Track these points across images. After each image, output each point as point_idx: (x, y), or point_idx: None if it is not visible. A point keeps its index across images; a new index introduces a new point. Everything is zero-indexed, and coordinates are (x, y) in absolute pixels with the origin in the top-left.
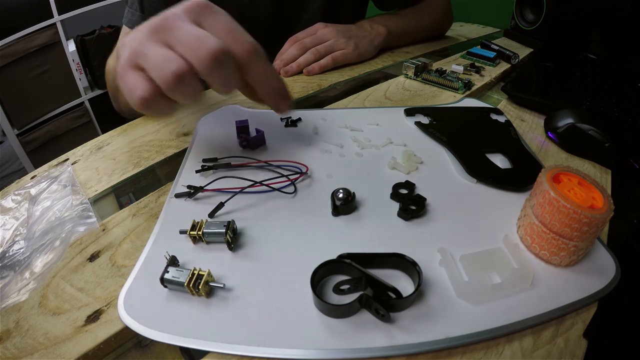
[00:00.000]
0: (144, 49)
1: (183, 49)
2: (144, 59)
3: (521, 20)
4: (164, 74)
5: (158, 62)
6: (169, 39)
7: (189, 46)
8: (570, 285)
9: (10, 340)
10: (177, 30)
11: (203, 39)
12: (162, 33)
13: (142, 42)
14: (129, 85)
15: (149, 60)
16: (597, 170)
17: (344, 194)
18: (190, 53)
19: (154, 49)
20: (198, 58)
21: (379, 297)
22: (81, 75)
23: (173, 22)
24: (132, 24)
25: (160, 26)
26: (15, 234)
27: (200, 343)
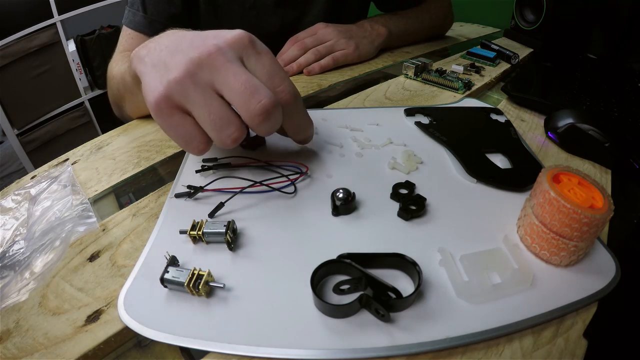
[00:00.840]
0: (188, 91)
1: (234, 99)
2: (191, 106)
3: (521, 20)
4: (221, 137)
5: (212, 120)
6: (216, 82)
7: (240, 97)
8: (570, 285)
9: (10, 340)
10: (225, 73)
11: (255, 91)
12: (207, 72)
13: (184, 81)
14: (179, 134)
15: (200, 112)
16: (597, 170)
17: (344, 194)
18: (241, 106)
19: (203, 97)
20: (249, 112)
21: (379, 297)
22: (81, 75)
23: (219, 60)
24: (133, 24)
25: (204, 62)
26: (15, 234)
27: (200, 343)
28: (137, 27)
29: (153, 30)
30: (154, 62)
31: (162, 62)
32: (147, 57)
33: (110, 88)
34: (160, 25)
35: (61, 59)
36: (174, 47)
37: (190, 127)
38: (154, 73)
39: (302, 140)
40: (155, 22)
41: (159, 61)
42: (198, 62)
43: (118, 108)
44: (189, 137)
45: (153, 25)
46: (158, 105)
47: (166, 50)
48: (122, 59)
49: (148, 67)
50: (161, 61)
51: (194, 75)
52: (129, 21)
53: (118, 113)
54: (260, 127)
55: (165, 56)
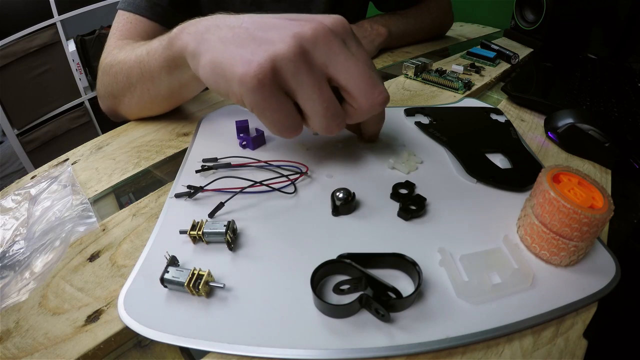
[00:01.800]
0: (300, 70)
1: (354, 87)
2: (299, 86)
3: (521, 20)
4: (330, 126)
5: (325, 107)
6: (332, 64)
7: (362, 86)
8: (570, 285)
9: (10, 340)
10: (345, 58)
11: (376, 81)
12: (322, 52)
13: (297, 57)
14: (278, 117)
15: (309, 96)
16: (597, 170)
17: (344, 194)
18: (362, 94)
19: (317, 80)
20: (371, 101)
21: (379, 297)
22: (81, 75)
23: (335, 43)
24: (133, 7)
25: (319, 41)
26: (15, 234)
27: (200, 343)
28: (138, 10)
29: (154, 14)
30: (227, 38)
31: (248, 37)
32: (207, 34)
33: (112, 76)
34: (162, 10)
35: (61, 59)
36: (257, 24)
37: (290, 109)
38: (236, 48)
39: (374, 132)
40: (157, 6)
41: (237, 35)
42: (312, 40)
43: (114, 100)
44: (288, 122)
45: (154, 9)
46: (260, 79)
47: (243, 27)
48: (129, 45)
49: (217, 44)
50: (244, 36)
51: (307, 52)
52: (128, 4)
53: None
54: (369, 115)
55: (249, 32)
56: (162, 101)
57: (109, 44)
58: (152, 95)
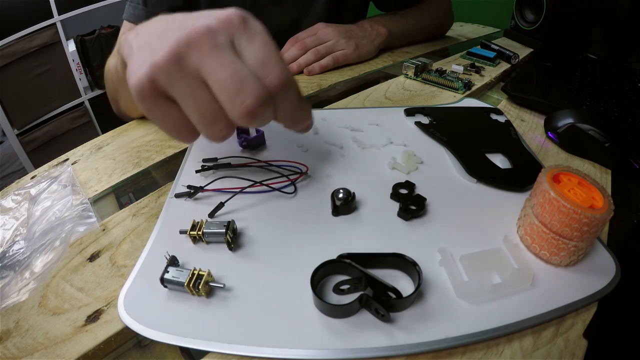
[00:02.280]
0: (173, 77)
1: (218, 94)
2: (176, 94)
3: (521, 20)
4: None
5: (200, 113)
6: (203, 69)
7: (224, 94)
8: (570, 285)
9: (10, 340)
10: (212, 61)
11: (241, 88)
12: (195, 57)
13: (169, 65)
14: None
15: (186, 103)
16: (597, 170)
17: (344, 194)
18: (225, 104)
19: (190, 86)
20: (233, 112)
21: (379, 297)
22: (81, 75)
23: (207, 44)
24: (133, 17)
25: (192, 45)
26: (15, 234)
27: (200, 343)
28: (137, 20)
29: None
30: (140, 45)
31: (148, 44)
32: (134, 41)
33: (107, 82)
34: None
35: (61, 59)
36: (164, 28)
37: (178, 116)
38: (138, 55)
39: (299, 130)
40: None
41: (145, 43)
42: (186, 44)
43: (115, 103)
44: (179, 128)
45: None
46: (140, 91)
47: (155, 32)
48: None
49: (134, 50)
50: (147, 43)
51: (180, 59)
52: (129, 15)
53: (116, 108)
54: (248, 123)
55: (153, 38)
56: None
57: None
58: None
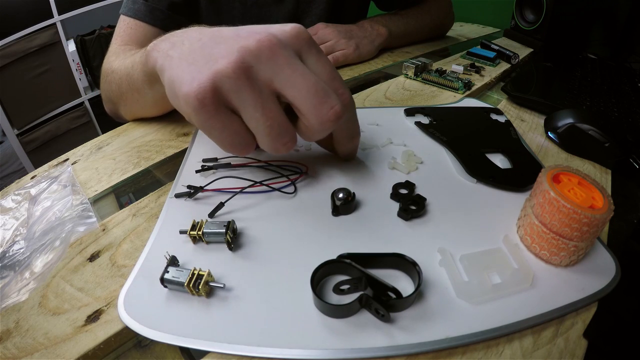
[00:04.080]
0: (242, 87)
1: (301, 102)
2: (242, 104)
3: (521, 20)
4: (276, 145)
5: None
6: (277, 79)
7: (310, 101)
8: (570, 285)
9: (10, 340)
10: (291, 72)
11: (326, 95)
12: (266, 67)
13: (237, 73)
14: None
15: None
16: (597, 170)
17: (344, 194)
18: (311, 110)
19: (260, 97)
20: (320, 118)
21: (379, 297)
22: (81, 75)
23: (281, 55)
24: (132, 12)
25: (263, 54)
26: (15, 234)
27: (200, 343)
28: (137, 15)
29: (154, 19)
30: (184, 54)
31: (200, 52)
32: (172, 51)
33: (108, 83)
34: (161, 14)
35: (61, 59)
36: (213, 37)
37: (238, 128)
38: (187, 65)
39: (348, 151)
40: (156, 10)
41: (191, 52)
42: (256, 53)
43: (113, 105)
44: (236, 141)
45: (154, 13)
46: (200, 100)
47: (200, 42)
48: (124, 53)
49: (175, 61)
50: (195, 52)
51: (250, 68)
52: (128, 9)
53: (112, 110)
54: (323, 132)
55: (201, 47)
56: (151, 108)
57: (110, 50)
58: (141, 105)
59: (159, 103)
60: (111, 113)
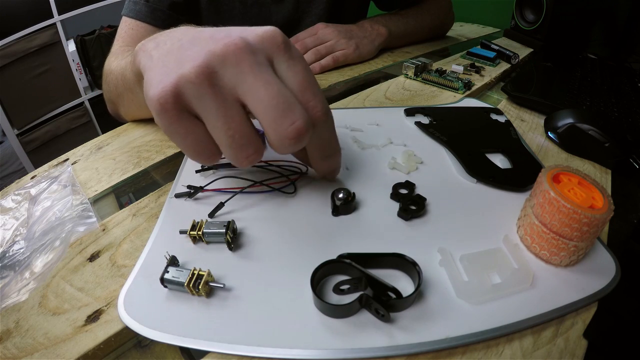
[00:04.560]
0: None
1: (261, 114)
2: (204, 111)
3: (521, 20)
4: (237, 157)
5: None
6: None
7: (270, 114)
8: (570, 285)
9: (10, 340)
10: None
11: (288, 109)
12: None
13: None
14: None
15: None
16: (597, 170)
17: (344, 194)
18: (270, 124)
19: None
20: (279, 133)
21: (379, 297)
22: (81, 75)
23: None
24: (134, 13)
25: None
26: (15, 234)
27: (200, 343)
28: (139, 16)
29: (155, 19)
30: (163, 55)
31: (173, 54)
32: (154, 50)
33: (107, 83)
34: (163, 15)
35: (61, 59)
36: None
37: (201, 135)
38: (161, 67)
39: (324, 170)
40: (158, 11)
41: (168, 53)
42: (221, 58)
43: (113, 105)
44: (199, 148)
45: (155, 13)
46: (162, 104)
47: (179, 43)
48: (123, 53)
49: (154, 61)
50: (172, 53)
51: (214, 73)
52: (129, 10)
53: (113, 110)
54: (285, 150)
55: (178, 48)
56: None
57: (112, 51)
58: (136, 105)
59: None
60: (113, 114)
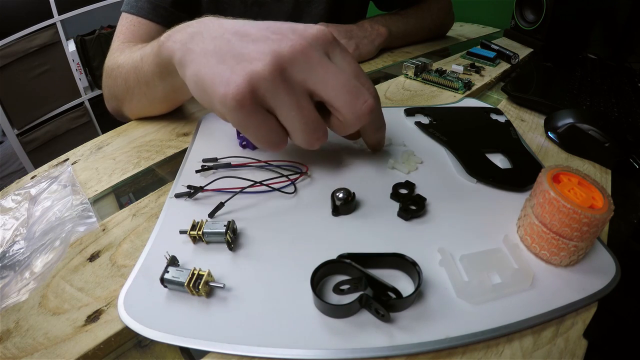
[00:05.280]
0: (278, 88)
1: (335, 99)
2: (279, 104)
3: (521, 20)
4: (310, 140)
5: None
6: (311, 80)
7: (344, 97)
8: (570, 285)
9: (10, 340)
10: (324, 72)
11: (359, 91)
12: (300, 69)
13: (274, 76)
14: (261, 134)
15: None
16: (597, 170)
17: (344, 194)
18: (345, 106)
19: (296, 97)
20: (355, 113)
21: (379, 297)
22: (81, 75)
23: (313, 57)
24: (136, 9)
25: (297, 58)
26: (15, 234)
27: (200, 343)
28: (140, 12)
29: (157, 16)
30: (209, 51)
31: (228, 51)
32: (191, 43)
33: (112, 78)
34: (165, 12)
35: (61, 59)
36: (238, 34)
37: (273, 126)
38: (217, 63)
39: (376, 141)
40: (160, 8)
41: (220, 49)
42: (290, 57)
43: (117, 102)
44: (272, 137)
45: (157, 10)
46: (239, 101)
47: (225, 39)
48: (130, 48)
49: (198, 56)
50: (225, 50)
51: (284, 71)
52: (130, 7)
53: (114, 108)
54: (358, 126)
55: (230, 45)
56: (159, 103)
57: (113, 47)
58: (149, 99)
59: (169, 97)
60: (114, 111)
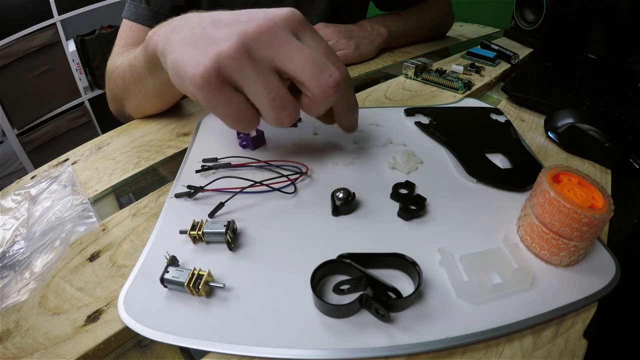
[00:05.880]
0: (244, 66)
1: (302, 74)
2: (246, 82)
3: (521, 20)
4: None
5: (272, 98)
6: (277, 57)
7: (310, 72)
8: (570, 285)
9: (10, 340)
10: (289, 49)
11: (324, 66)
12: (265, 47)
13: (239, 55)
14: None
15: (256, 90)
16: (597, 170)
17: (344, 194)
18: (311, 80)
19: (262, 74)
20: (321, 87)
21: (379, 297)
22: (81, 75)
23: (279, 35)
24: (135, 16)
25: (262, 37)
26: (15, 234)
27: (200, 343)
28: (140, 19)
29: (156, 23)
30: (186, 39)
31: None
32: (172, 35)
33: (112, 80)
34: (164, 18)
35: (61, 59)
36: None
37: (242, 104)
38: (191, 48)
39: (350, 122)
40: (159, 14)
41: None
42: (255, 36)
43: (119, 103)
44: (241, 116)
45: (156, 17)
46: (205, 79)
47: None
48: (128, 52)
49: (177, 45)
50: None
51: (250, 49)
52: (130, 13)
53: (117, 109)
54: (327, 102)
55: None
56: (153, 99)
57: (113, 52)
58: (144, 95)
59: (160, 91)
60: (116, 113)
